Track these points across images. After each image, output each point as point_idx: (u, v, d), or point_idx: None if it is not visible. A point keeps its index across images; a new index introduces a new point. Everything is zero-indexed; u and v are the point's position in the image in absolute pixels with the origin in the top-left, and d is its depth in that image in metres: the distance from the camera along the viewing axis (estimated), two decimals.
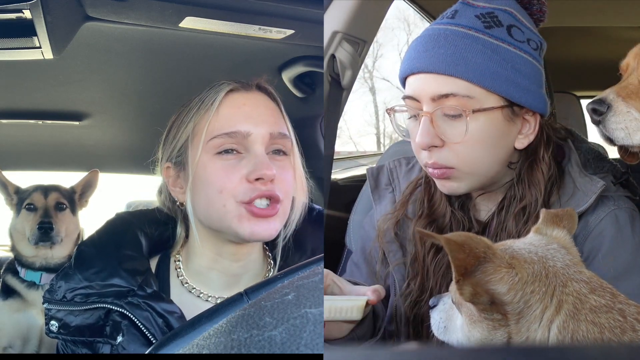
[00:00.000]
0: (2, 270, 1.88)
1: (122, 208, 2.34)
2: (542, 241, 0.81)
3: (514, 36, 1.02)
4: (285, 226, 1.10)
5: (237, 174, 1.01)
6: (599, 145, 1.20)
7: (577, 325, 0.71)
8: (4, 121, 1.80)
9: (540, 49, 1.06)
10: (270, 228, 1.02)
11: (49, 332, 1.05)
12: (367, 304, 0.98)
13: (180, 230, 1.13)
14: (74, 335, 1.04)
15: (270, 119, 1.06)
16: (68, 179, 2.00)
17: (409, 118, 1.07)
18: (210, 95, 1.06)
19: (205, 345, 0.49)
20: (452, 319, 0.87)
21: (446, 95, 0.99)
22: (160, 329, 1.01)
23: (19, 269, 1.85)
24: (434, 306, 0.93)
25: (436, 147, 1.02)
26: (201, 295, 1.09)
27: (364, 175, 1.30)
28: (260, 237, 1.03)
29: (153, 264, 1.12)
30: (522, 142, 1.05)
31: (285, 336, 0.46)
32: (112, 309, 1.02)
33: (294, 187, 1.08)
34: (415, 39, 1.08)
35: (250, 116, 1.04)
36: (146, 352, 1.02)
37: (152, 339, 1.01)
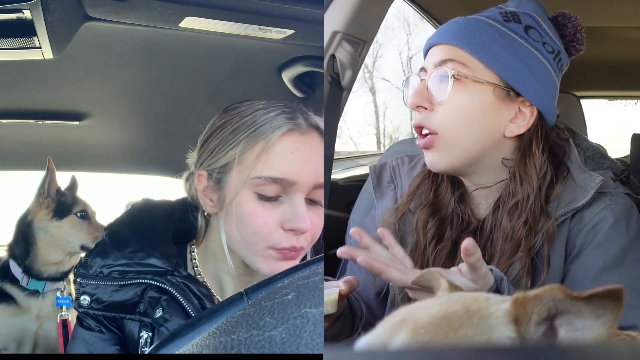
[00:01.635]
0: None
1: (122, 208, 2.34)
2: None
3: (529, 34, 1.07)
4: None
5: (273, 220, 1.00)
6: (598, 144, 1.20)
7: None
8: (4, 121, 1.80)
9: (556, 54, 1.08)
10: (289, 265, 1.03)
11: (78, 306, 1.07)
12: (341, 296, 0.98)
13: (201, 222, 1.13)
14: (105, 310, 1.05)
15: (318, 167, 1.03)
16: (68, 179, 2.00)
17: None
18: (264, 128, 1.01)
19: (205, 345, 0.49)
20: None
21: (444, 61, 1.05)
22: (196, 310, 1.03)
23: (21, 276, 1.77)
24: None
25: (425, 108, 1.05)
26: (214, 298, 1.10)
27: (364, 175, 1.30)
28: (278, 273, 1.04)
29: None
30: (511, 131, 1.06)
31: (285, 336, 0.46)
32: (150, 284, 1.04)
33: (320, 235, 1.08)
34: None
35: (300, 165, 1.01)
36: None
37: (192, 314, 1.02)
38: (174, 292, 1.03)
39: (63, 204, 1.84)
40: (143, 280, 1.05)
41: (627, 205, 1.06)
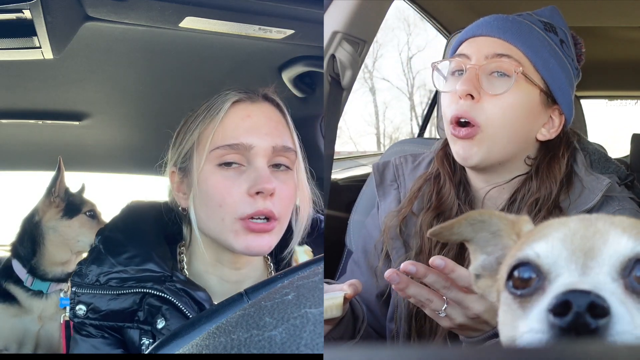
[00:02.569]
0: None
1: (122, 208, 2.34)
2: None
3: (563, 47, 1.10)
4: (291, 237, 1.10)
5: (237, 189, 1.01)
6: (600, 145, 1.21)
7: None
8: (4, 121, 1.80)
9: (578, 71, 1.14)
10: (265, 244, 1.02)
11: (73, 316, 1.05)
12: (345, 299, 0.98)
13: (185, 229, 1.13)
14: (103, 320, 1.04)
15: (274, 131, 1.05)
16: (68, 179, 2.00)
17: (452, 73, 1.10)
18: (217, 104, 1.06)
19: (205, 345, 0.49)
20: None
21: (500, 55, 1.05)
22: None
23: (25, 277, 1.77)
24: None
25: (472, 97, 1.05)
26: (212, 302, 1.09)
27: (364, 175, 1.30)
28: (255, 252, 1.04)
29: None
30: (543, 135, 1.09)
31: (285, 336, 0.46)
32: (151, 293, 1.03)
33: (295, 201, 1.08)
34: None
35: (253, 128, 1.04)
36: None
37: None
38: (175, 301, 1.02)
39: (72, 204, 1.86)
40: (142, 290, 1.03)
41: (635, 211, 1.06)
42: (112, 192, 2.25)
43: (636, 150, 2.51)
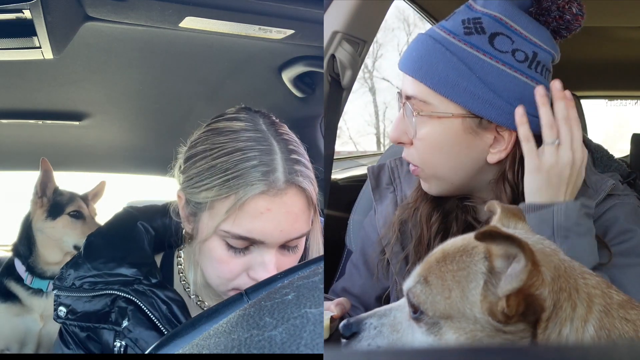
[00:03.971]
0: None
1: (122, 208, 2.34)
2: (529, 234, 0.72)
3: (495, 45, 0.99)
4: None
5: (238, 267, 1.00)
6: (600, 145, 1.20)
7: (611, 323, 0.62)
8: (4, 121, 1.80)
9: (530, 60, 1.00)
10: None
11: (57, 317, 1.08)
12: (332, 319, 0.97)
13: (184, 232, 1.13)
14: (80, 320, 1.07)
15: (292, 226, 1.00)
16: (68, 179, 2.00)
17: None
18: (239, 181, 0.97)
19: (205, 345, 0.49)
20: (403, 340, 0.73)
21: (408, 97, 1.02)
22: (164, 315, 1.04)
23: (25, 275, 1.78)
24: (353, 334, 0.76)
25: (405, 143, 1.05)
26: (202, 304, 1.10)
27: (364, 175, 1.29)
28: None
29: (157, 260, 1.14)
30: (493, 157, 1.02)
31: (285, 336, 0.46)
32: (118, 295, 1.05)
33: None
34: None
35: (270, 224, 0.98)
36: (146, 352, 1.03)
37: (157, 323, 1.04)
38: (138, 302, 1.04)
39: (58, 204, 1.85)
40: (110, 292, 1.06)
41: (634, 206, 1.06)
42: (112, 192, 2.25)
43: (636, 150, 2.51)
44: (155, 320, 1.04)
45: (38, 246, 1.81)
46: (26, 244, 1.81)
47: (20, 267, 1.80)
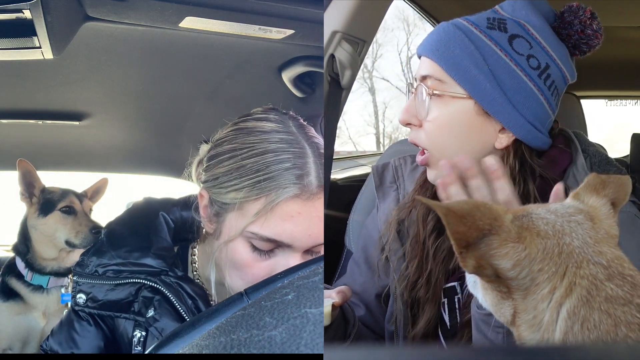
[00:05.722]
0: (1, 271, 1.85)
1: (122, 208, 2.34)
2: (568, 210, 0.74)
3: (513, 46, 1.01)
4: None
5: (262, 270, 0.99)
6: (600, 145, 1.20)
7: (589, 313, 0.65)
8: (4, 121, 1.80)
9: (542, 70, 1.01)
10: None
11: (75, 304, 1.07)
12: (334, 307, 0.97)
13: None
14: (100, 309, 1.06)
15: (320, 231, 0.99)
16: (68, 179, 2.00)
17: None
18: (271, 183, 0.96)
19: (205, 345, 0.50)
20: None
21: (424, 77, 1.03)
22: (189, 310, 1.03)
23: (25, 271, 1.80)
24: None
25: (414, 125, 1.05)
26: (212, 301, 1.10)
27: (363, 175, 1.30)
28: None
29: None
30: (501, 142, 1.03)
31: (285, 336, 0.46)
32: (144, 284, 1.05)
33: None
34: None
35: (299, 228, 0.97)
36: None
37: (184, 315, 1.03)
38: (166, 292, 1.03)
39: (48, 202, 1.86)
40: (136, 280, 1.05)
41: (632, 214, 1.05)
42: (111, 192, 2.25)
43: (636, 150, 2.51)
44: (182, 312, 1.03)
45: (33, 243, 1.83)
46: (23, 241, 1.84)
47: (20, 264, 1.83)
